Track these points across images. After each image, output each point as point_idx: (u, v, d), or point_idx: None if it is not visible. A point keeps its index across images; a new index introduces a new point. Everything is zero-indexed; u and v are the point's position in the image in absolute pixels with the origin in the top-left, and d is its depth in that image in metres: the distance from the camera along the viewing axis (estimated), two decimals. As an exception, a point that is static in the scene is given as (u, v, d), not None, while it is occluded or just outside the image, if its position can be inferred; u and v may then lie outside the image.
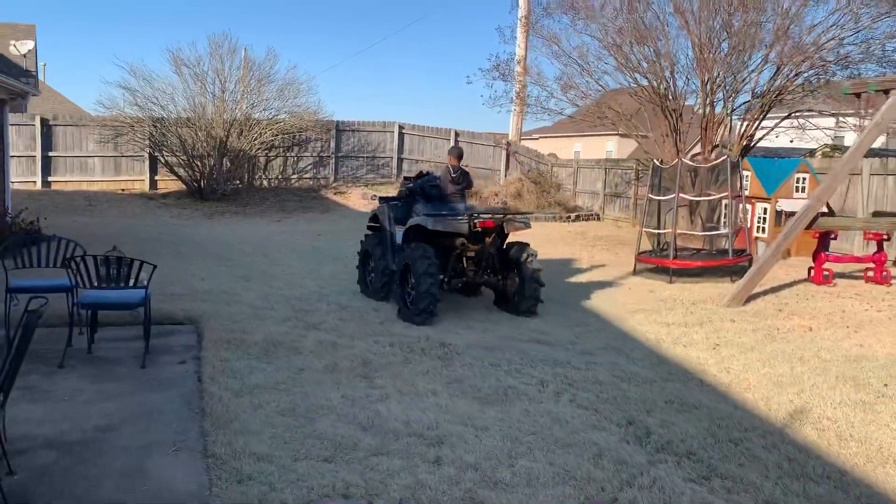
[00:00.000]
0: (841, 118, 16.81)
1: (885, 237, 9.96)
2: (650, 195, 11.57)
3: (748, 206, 12.40)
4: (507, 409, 5.17)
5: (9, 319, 6.41)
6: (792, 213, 12.92)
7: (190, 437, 4.52)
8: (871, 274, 9.92)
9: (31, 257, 6.71)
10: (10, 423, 4.53)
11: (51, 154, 21.15)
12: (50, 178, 21.10)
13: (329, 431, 4.63)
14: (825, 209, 10.91)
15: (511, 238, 8.63)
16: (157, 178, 22.16)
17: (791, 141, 18.42)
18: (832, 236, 10.28)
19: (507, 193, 23.44)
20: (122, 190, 21.52)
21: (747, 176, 12.84)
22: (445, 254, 8.18)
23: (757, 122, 15.39)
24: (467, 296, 8.99)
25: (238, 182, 22.00)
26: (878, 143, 15.35)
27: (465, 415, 5.01)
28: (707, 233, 12.03)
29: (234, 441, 4.41)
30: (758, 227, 12.87)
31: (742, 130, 15.48)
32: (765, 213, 13.01)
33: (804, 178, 12.86)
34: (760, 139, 15.89)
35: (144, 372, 5.81)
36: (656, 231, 11.75)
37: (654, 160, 12.13)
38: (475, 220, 7.97)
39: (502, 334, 7.42)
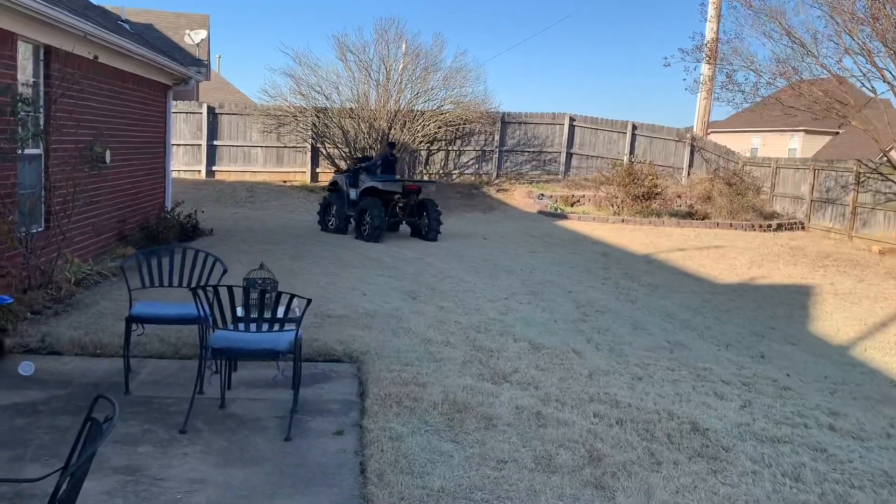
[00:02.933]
0: None
1: None
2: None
3: None
4: None
5: (128, 351, 5.07)
6: None
7: None
8: None
9: (162, 275, 5.33)
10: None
11: (216, 143, 20.90)
12: (214, 168, 20.87)
13: None
14: None
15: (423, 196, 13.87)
16: (318, 170, 21.41)
17: None
18: None
19: (693, 195, 20.53)
20: (284, 181, 20.92)
21: None
22: (386, 204, 13.34)
23: None
24: (391, 231, 13.71)
25: (398, 177, 20.75)
26: None
27: None
28: None
29: None
30: None
31: None
32: None
33: None
34: None
35: (288, 448, 4.19)
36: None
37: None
38: (405, 184, 13.59)
39: (774, 413, 5.20)
